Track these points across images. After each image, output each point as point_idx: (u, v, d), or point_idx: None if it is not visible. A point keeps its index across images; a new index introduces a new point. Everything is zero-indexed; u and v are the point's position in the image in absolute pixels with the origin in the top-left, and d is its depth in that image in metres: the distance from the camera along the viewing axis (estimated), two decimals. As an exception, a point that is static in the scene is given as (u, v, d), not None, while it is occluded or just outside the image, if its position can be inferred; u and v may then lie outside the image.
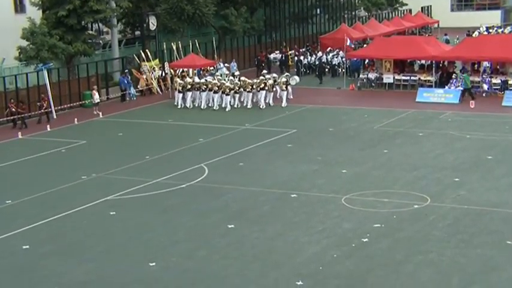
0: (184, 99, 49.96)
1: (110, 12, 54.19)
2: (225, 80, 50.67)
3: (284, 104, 48.67)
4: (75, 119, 46.59)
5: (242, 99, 49.09)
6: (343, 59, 59.91)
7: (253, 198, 29.69)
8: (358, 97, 52.42)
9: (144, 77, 54.92)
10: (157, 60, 57.09)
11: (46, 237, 26.10)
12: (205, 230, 26.22)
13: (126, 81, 53.98)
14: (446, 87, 50.91)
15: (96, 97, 49.99)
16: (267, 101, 48.65)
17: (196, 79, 51.23)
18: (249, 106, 48.45)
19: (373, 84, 55.27)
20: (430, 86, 52.14)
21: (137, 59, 55.74)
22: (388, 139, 39.16)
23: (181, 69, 55.53)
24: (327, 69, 62.08)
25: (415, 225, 25.93)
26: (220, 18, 64.57)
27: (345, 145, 38.16)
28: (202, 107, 48.97)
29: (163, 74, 55.38)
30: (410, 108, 46.97)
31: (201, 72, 56.19)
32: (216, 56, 60.49)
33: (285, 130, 41.74)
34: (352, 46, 59.77)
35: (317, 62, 62.16)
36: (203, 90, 49.42)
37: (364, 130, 41.55)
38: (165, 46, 56.87)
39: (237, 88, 48.98)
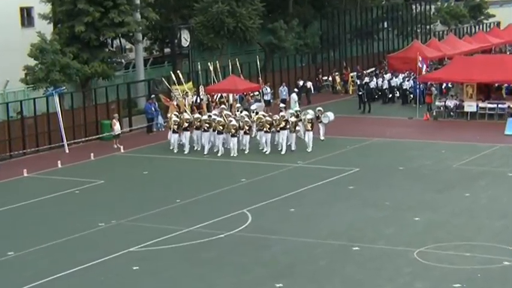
0: (180, 140, 47.70)
1: (134, 26, 54.57)
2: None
3: (310, 148, 46.06)
4: (92, 154, 46.97)
5: (257, 141, 46.96)
6: (417, 83, 59.82)
7: (306, 251, 29.69)
8: (434, 129, 52.37)
9: (175, 103, 55.17)
10: (190, 83, 57.18)
11: (56, 296, 26.34)
12: (247, 289, 26.29)
13: (153, 109, 54.27)
14: (543, 117, 50.73)
15: (117, 128, 50.26)
16: (289, 143, 46.19)
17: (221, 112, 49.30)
18: (266, 150, 46.03)
19: (452, 113, 55.15)
20: (523, 116, 52.01)
21: (166, 82, 56.04)
22: (471, 180, 39.01)
23: (219, 95, 55.56)
24: (396, 95, 62.34)
25: (506, 286, 25.70)
26: (267, 33, 64.73)
27: (418, 187, 38.08)
28: (205, 152, 46.52)
29: (198, 100, 55.54)
30: (497, 143, 46.81)
31: (244, 97, 56.16)
32: (260, 78, 60.37)
33: (345, 169, 41.76)
34: (428, 70, 59.75)
35: (385, 86, 62.25)
36: (205, 130, 47.16)
37: (441, 169, 41.45)
38: (200, 66, 57.19)
39: (247, 128, 46.52)
